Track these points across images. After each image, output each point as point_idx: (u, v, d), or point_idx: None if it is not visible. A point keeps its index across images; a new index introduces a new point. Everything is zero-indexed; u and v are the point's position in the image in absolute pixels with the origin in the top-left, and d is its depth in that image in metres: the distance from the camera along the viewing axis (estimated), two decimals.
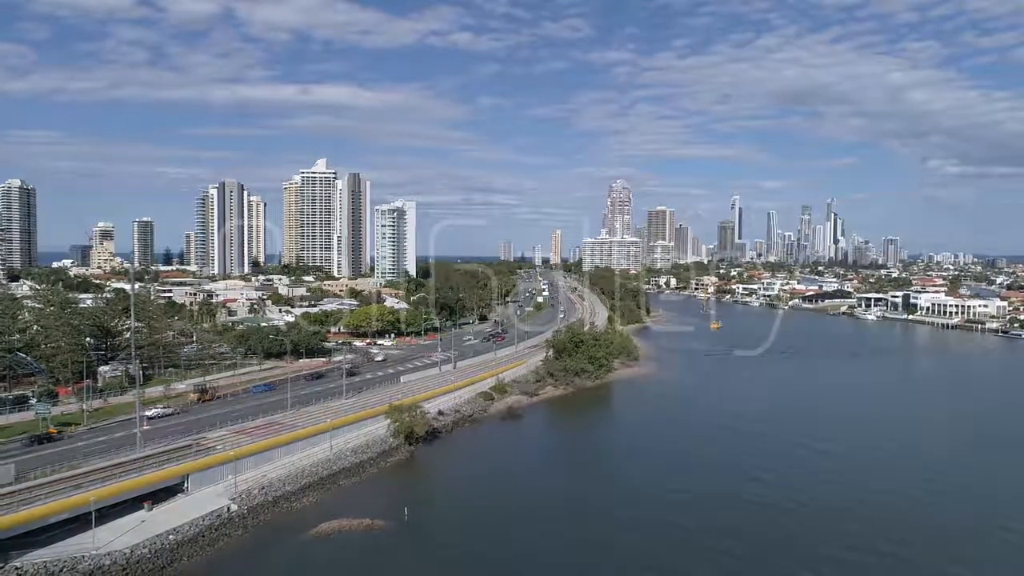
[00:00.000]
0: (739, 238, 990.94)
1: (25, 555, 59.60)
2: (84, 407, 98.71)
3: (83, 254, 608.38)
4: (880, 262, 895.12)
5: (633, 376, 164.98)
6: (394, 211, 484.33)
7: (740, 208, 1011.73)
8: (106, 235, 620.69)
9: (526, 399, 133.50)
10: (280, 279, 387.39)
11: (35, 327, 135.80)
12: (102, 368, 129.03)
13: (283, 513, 75.64)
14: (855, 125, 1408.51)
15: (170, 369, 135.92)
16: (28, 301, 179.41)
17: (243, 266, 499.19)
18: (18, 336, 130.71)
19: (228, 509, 72.54)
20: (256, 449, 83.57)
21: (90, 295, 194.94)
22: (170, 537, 65.37)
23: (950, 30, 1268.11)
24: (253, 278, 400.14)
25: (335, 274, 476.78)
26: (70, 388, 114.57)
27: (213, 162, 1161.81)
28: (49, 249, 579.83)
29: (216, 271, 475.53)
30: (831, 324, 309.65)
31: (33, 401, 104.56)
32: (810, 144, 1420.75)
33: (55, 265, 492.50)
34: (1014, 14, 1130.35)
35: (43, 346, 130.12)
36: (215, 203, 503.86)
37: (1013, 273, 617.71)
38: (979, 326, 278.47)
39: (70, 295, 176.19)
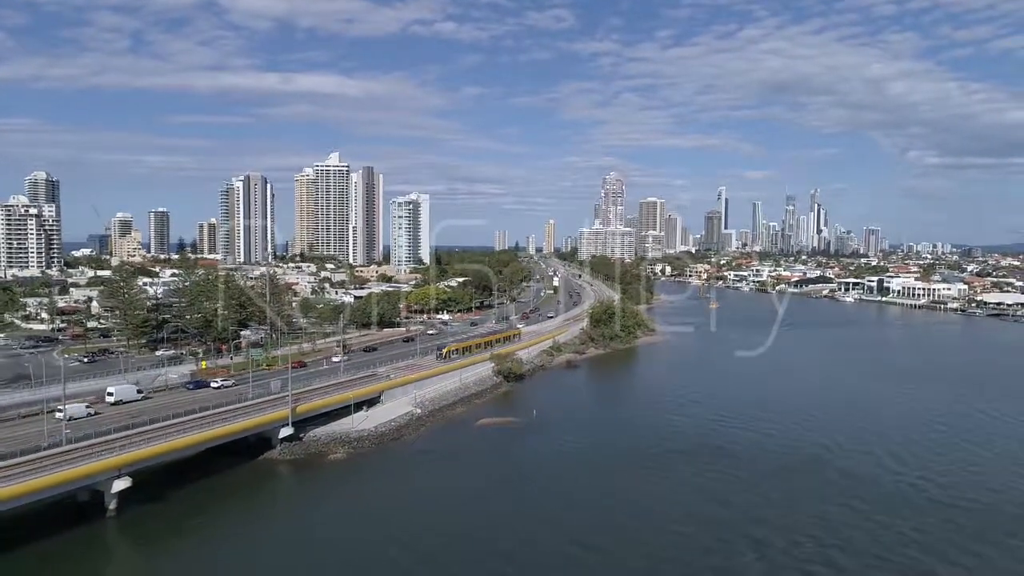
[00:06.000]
0: (725, 228, 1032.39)
1: (314, 430, 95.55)
2: (278, 354, 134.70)
3: (101, 243, 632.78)
4: (862, 251, 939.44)
5: (653, 342, 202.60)
6: (410, 203, 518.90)
7: (726, 198, 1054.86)
8: (124, 225, 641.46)
9: (577, 356, 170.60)
10: (308, 266, 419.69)
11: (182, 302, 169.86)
12: (243, 332, 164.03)
13: (448, 416, 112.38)
14: (837, 116, 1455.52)
15: (289, 335, 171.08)
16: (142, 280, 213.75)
17: (267, 254, 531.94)
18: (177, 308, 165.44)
19: (415, 412, 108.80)
20: (421, 377, 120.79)
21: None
22: (392, 423, 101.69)
23: (928, 22, 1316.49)
24: (283, 265, 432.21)
25: (351, 262, 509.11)
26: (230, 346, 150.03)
27: (195, 151, 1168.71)
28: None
29: (241, 259, 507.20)
30: (814, 305, 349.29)
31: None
32: (793, 134, 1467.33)
33: (74, 254, 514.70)
34: (989, 8, 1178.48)
35: (192, 317, 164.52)
36: (240, 194, 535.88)
37: (985, 262, 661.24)
38: (942, 306, 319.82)
39: (228, 275, 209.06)
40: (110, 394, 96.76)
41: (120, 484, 69.23)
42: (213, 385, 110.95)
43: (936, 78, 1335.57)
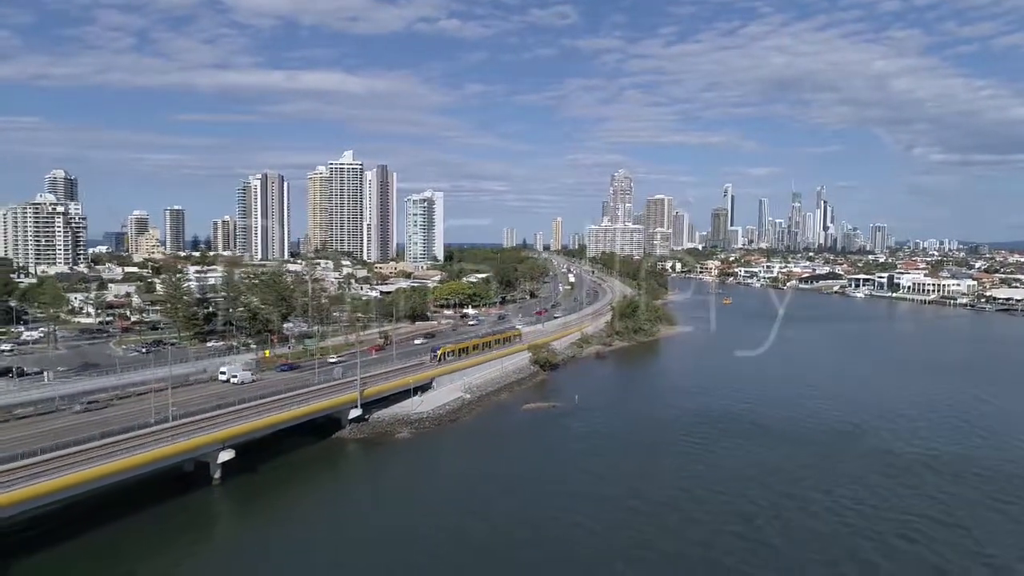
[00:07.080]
0: (731, 225, 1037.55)
1: (379, 411, 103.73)
2: (328, 345, 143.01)
3: (117, 240, 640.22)
4: (868, 248, 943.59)
5: (675, 335, 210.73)
6: (424, 201, 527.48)
7: (732, 195, 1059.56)
8: (141, 223, 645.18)
9: (604, 348, 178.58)
10: (327, 263, 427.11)
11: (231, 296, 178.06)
12: (286, 325, 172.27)
13: (494, 401, 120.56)
14: (841, 113, 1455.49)
15: (327, 327, 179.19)
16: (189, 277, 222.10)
17: (284, 251, 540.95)
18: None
19: (465, 397, 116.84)
20: (467, 365, 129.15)
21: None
22: (446, 406, 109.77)
23: (932, 19, 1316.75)
24: (301, 263, 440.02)
25: (365, 259, 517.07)
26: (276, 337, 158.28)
27: (199, 149, 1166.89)
28: None
29: (260, 257, 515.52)
30: (825, 301, 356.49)
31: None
32: (797, 131, 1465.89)
33: (91, 251, 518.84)
34: (993, 4, 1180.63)
35: (234, 311, 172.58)
36: (258, 192, 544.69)
37: (992, 258, 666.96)
38: (951, 301, 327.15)
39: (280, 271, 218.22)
40: (222, 373, 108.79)
41: (225, 455, 77.38)
42: (330, 360, 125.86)
43: (940, 75, 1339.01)
